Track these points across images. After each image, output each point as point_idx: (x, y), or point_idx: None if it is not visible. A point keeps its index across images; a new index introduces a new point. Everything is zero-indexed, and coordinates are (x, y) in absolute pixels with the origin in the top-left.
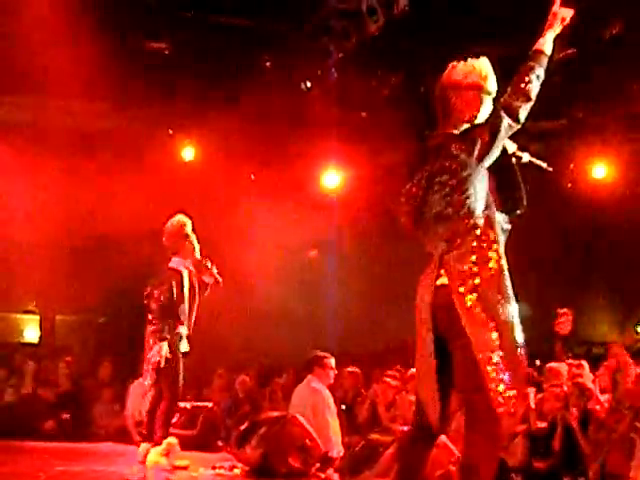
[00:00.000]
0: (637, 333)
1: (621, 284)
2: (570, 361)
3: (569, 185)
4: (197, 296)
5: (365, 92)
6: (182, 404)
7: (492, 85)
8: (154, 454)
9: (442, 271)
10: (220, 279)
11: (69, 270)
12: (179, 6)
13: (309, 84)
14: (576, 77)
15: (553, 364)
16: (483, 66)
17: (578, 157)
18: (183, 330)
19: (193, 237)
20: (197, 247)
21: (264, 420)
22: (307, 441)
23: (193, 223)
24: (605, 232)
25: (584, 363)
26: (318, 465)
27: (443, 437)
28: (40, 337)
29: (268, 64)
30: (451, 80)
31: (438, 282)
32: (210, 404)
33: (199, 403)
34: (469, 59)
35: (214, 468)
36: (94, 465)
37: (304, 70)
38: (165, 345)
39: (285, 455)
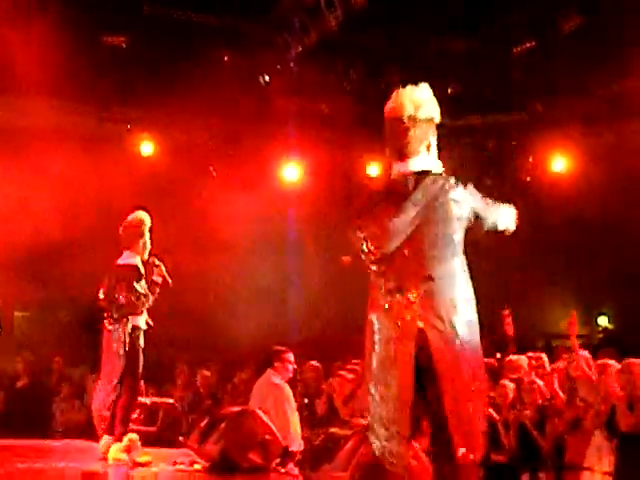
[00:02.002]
0: (598, 325)
1: (581, 277)
2: (530, 354)
3: (528, 179)
4: (151, 294)
5: (325, 86)
6: (142, 400)
7: (438, 114)
8: (115, 450)
9: (419, 310)
10: (170, 279)
11: (29, 266)
12: (137, 1)
13: (267, 78)
14: (536, 71)
15: (513, 357)
16: (431, 96)
17: (537, 151)
18: (142, 324)
19: (148, 237)
20: (148, 248)
21: (224, 415)
22: (267, 436)
23: (152, 219)
24: (564, 225)
25: (543, 356)
26: (278, 460)
27: None
28: None
29: (226, 58)
30: (406, 112)
31: (419, 324)
32: (171, 400)
33: (159, 399)
34: (412, 87)
35: (175, 464)
36: (55, 462)
37: (263, 64)
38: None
39: (245, 450)
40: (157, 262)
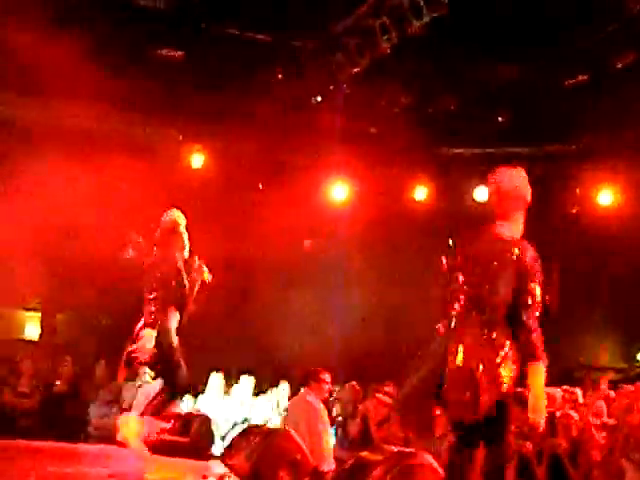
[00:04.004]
0: (637, 361)
1: (623, 310)
2: (565, 387)
3: (575, 210)
4: (189, 294)
5: (375, 109)
6: (177, 410)
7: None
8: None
9: None
10: (209, 277)
11: (72, 270)
12: (195, 16)
13: (319, 98)
14: (587, 103)
15: (546, 389)
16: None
17: (585, 182)
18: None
19: (185, 235)
20: (187, 246)
21: (257, 431)
22: (298, 456)
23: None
24: (609, 258)
25: (577, 390)
26: (308, 479)
27: (429, 458)
28: (40, 335)
29: (280, 76)
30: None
31: None
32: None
33: (194, 410)
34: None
35: (204, 477)
36: (86, 466)
37: (316, 84)
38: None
39: (275, 468)
40: (197, 261)
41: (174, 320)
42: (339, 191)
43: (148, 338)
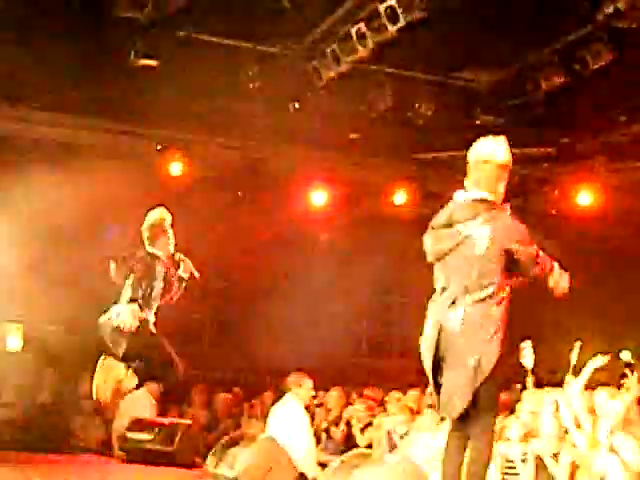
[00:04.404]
0: (619, 360)
1: (607, 310)
2: (548, 388)
3: (554, 211)
4: (169, 290)
5: (354, 114)
6: (160, 420)
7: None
8: None
9: None
10: (197, 274)
11: (56, 281)
12: (171, 24)
13: (297, 105)
14: (564, 105)
15: (531, 390)
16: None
17: (564, 184)
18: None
19: (171, 232)
20: (172, 243)
21: (240, 439)
22: (282, 462)
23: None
24: (588, 259)
25: (559, 390)
26: None
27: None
28: (24, 346)
29: (259, 83)
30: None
31: None
32: (189, 421)
33: (178, 419)
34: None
35: None
36: (70, 477)
37: (295, 90)
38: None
39: (259, 475)
40: (182, 257)
41: (150, 316)
42: (319, 196)
43: (132, 311)
